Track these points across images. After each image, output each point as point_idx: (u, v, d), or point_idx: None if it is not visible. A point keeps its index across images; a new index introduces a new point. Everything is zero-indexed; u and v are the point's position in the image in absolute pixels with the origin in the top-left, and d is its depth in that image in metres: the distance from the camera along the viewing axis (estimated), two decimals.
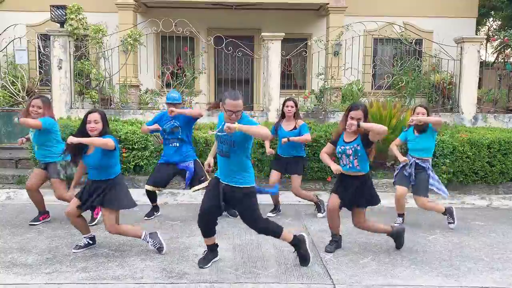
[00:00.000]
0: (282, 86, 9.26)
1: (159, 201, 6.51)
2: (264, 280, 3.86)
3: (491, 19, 17.83)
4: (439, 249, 4.70)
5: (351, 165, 4.38)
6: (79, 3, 9.29)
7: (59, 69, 8.51)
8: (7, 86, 9.34)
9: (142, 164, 6.89)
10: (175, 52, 10.54)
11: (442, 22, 11.70)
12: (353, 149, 4.32)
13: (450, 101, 9.35)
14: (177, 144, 5.52)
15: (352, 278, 3.94)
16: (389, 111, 7.19)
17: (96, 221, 5.29)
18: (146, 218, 5.61)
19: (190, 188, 5.65)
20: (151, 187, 5.58)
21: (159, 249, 4.40)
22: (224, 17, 11.78)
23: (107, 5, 10.92)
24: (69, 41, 8.62)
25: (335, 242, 4.62)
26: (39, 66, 10.46)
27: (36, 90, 9.97)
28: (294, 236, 4.10)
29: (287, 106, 5.68)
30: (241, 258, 4.32)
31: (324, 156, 4.61)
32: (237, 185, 3.88)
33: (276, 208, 5.92)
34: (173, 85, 9.27)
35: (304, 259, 4.12)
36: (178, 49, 9.99)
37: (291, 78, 11.36)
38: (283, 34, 8.73)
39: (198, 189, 5.58)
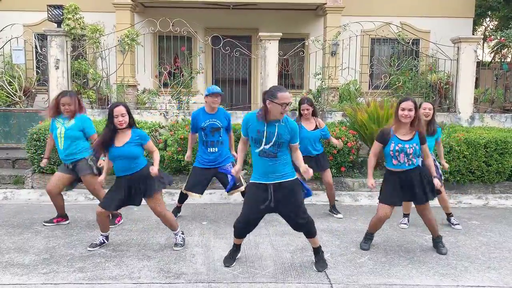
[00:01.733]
0: None
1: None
2: (262, 279, 3.87)
3: (487, 19, 17.88)
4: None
5: (409, 163, 4.37)
6: (76, 3, 9.27)
7: (56, 69, 8.49)
8: (4, 86, 9.31)
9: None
10: (173, 52, 10.53)
11: (439, 22, 11.72)
12: (413, 148, 4.30)
13: (447, 100, 9.37)
14: (216, 149, 5.22)
15: (349, 277, 3.94)
16: (386, 111, 7.21)
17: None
18: None
19: (228, 192, 5.41)
20: (189, 192, 5.33)
21: (178, 245, 4.54)
22: (222, 17, 11.77)
23: (104, 5, 10.90)
24: (66, 41, 8.60)
25: (370, 240, 4.71)
26: (36, 66, 10.45)
27: (33, 90, 9.95)
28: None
29: (303, 110, 5.62)
30: (239, 258, 4.32)
31: (371, 161, 4.47)
32: (287, 179, 3.89)
33: None
34: (170, 85, 9.26)
35: (324, 263, 4.15)
36: (176, 49, 9.98)
37: (289, 78, 11.36)
38: (281, 34, 8.74)
39: (234, 193, 5.47)
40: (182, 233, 4.69)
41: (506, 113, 9.08)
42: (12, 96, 9.27)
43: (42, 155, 6.78)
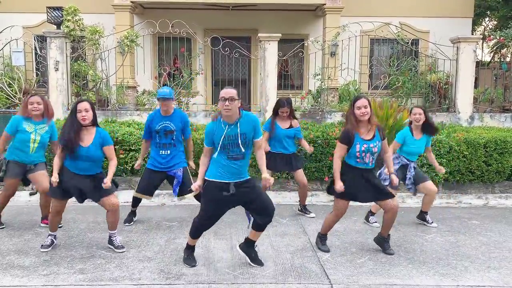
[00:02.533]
0: (279, 87, 9.29)
1: (158, 201, 6.53)
2: (262, 280, 3.87)
3: (487, 19, 17.90)
4: (436, 248, 4.72)
5: (372, 163, 4.37)
6: (75, 5, 9.28)
7: (55, 70, 8.50)
8: (4, 87, 9.32)
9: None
10: (172, 53, 10.55)
11: (438, 22, 11.74)
12: (377, 146, 4.31)
13: (447, 100, 9.38)
14: (168, 152, 5.15)
15: (350, 278, 3.95)
16: (386, 111, 7.21)
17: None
18: (127, 224, 5.33)
19: (178, 197, 5.32)
20: (140, 195, 5.30)
21: (117, 247, 4.50)
22: (221, 18, 11.79)
23: (103, 6, 10.92)
24: (66, 43, 8.61)
25: (326, 240, 4.71)
26: (35, 68, 10.45)
27: (33, 92, 9.94)
28: None
29: (282, 112, 5.66)
30: (239, 259, 4.32)
31: (337, 163, 4.38)
32: (247, 178, 3.95)
33: None
34: (170, 86, 9.26)
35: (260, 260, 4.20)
36: (175, 50, 9.99)
37: (288, 79, 11.37)
38: (280, 35, 8.75)
39: (185, 198, 5.36)
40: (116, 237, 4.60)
41: (506, 113, 9.09)
42: (11, 98, 9.27)
43: None
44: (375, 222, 5.50)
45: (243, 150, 3.83)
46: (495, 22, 16.96)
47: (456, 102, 8.86)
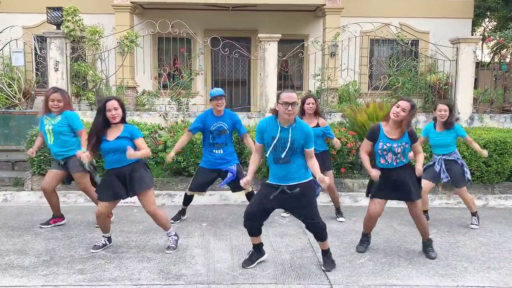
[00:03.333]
0: (279, 87, 9.29)
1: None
2: (262, 280, 3.87)
3: (486, 19, 17.90)
4: (435, 249, 4.71)
5: (397, 161, 4.33)
6: (75, 5, 9.28)
7: (55, 71, 8.50)
8: (4, 88, 9.32)
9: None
10: (172, 54, 10.55)
11: (438, 23, 11.75)
12: (401, 147, 4.26)
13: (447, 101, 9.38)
14: (221, 151, 5.25)
15: (349, 278, 3.95)
16: (386, 111, 7.17)
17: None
18: (172, 221, 5.35)
19: (232, 190, 5.44)
20: (193, 192, 5.40)
21: (170, 248, 4.51)
22: (221, 19, 11.79)
23: (103, 6, 10.92)
24: (66, 43, 8.61)
25: (367, 242, 4.68)
26: (35, 68, 10.46)
27: (32, 92, 9.96)
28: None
29: (308, 104, 5.54)
30: (239, 259, 4.32)
31: (365, 157, 4.38)
32: (299, 182, 3.90)
33: None
34: (170, 87, 9.28)
35: (332, 264, 4.16)
36: (175, 50, 10.00)
37: (288, 79, 11.37)
38: (280, 35, 8.75)
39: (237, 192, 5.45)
40: (175, 235, 4.64)
41: (505, 114, 9.09)
42: (11, 98, 9.27)
43: (42, 157, 6.80)
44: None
45: (289, 155, 3.82)
46: (495, 23, 16.97)
47: (456, 102, 8.86)
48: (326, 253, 4.16)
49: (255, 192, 5.28)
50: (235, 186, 5.30)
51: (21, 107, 9.25)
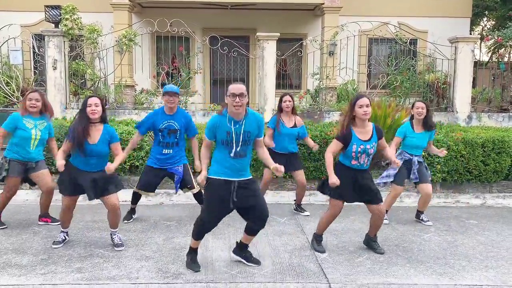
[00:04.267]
0: (278, 86, 9.29)
1: (156, 200, 6.52)
2: (260, 279, 3.87)
3: (485, 19, 17.93)
4: (433, 247, 4.73)
5: (367, 164, 4.34)
6: (73, 3, 9.27)
7: (54, 69, 8.49)
8: (2, 86, 9.30)
9: (138, 164, 6.88)
10: (170, 52, 10.53)
11: (436, 22, 11.76)
12: (373, 147, 4.28)
13: (445, 100, 9.40)
14: (171, 151, 5.16)
15: (347, 277, 3.95)
16: (384, 111, 7.21)
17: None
18: (125, 222, 5.36)
19: (182, 190, 5.45)
20: (140, 191, 5.33)
21: (116, 245, 4.53)
22: (220, 17, 11.79)
23: (102, 5, 10.91)
24: (64, 41, 8.60)
25: (322, 241, 4.67)
26: (33, 67, 10.43)
27: (32, 88, 9.94)
28: None
29: (284, 101, 5.64)
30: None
31: (330, 159, 4.32)
32: (249, 178, 3.92)
33: None
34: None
35: (256, 259, 4.21)
36: (173, 49, 9.99)
37: (287, 78, 11.37)
38: (278, 34, 8.75)
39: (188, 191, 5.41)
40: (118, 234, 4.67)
41: (503, 113, 9.10)
42: (9, 96, 9.25)
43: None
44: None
45: (245, 148, 3.82)
46: (493, 22, 17.00)
47: (454, 101, 8.88)
48: (247, 247, 4.20)
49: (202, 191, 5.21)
50: (182, 184, 5.31)
51: (19, 106, 9.23)
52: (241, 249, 4.22)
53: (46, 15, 9.27)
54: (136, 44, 9.29)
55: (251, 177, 3.96)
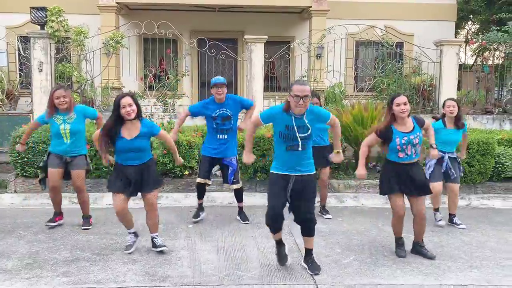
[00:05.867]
0: (266, 88, 9.31)
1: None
2: (248, 282, 3.87)
3: (469, 22, 18.19)
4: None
5: (416, 154, 4.40)
6: (59, 5, 9.18)
7: (39, 71, 8.39)
8: None
9: None
10: (158, 55, 10.50)
11: (422, 25, 11.91)
12: (418, 137, 4.35)
13: (431, 102, 9.51)
14: (226, 136, 5.29)
15: (335, 278, 3.97)
16: (371, 113, 7.28)
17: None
18: (194, 220, 5.50)
19: (223, 181, 5.55)
20: (202, 179, 5.40)
21: (160, 246, 4.49)
22: (208, 20, 11.78)
23: (88, 7, 10.83)
24: (50, 44, 8.51)
25: (403, 245, 4.61)
26: (19, 69, 10.30)
27: (16, 93, 9.82)
28: None
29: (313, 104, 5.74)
30: (225, 261, 4.32)
31: (364, 149, 4.44)
32: (309, 173, 3.96)
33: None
34: (156, 88, 9.23)
35: (318, 266, 4.13)
36: (161, 51, 9.96)
37: (275, 81, 11.41)
38: (266, 37, 8.78)
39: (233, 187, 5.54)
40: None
41: (488, 115, 9.24)
42: None
43: (26, 159, 6.71)
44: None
45: (304, 142, 3.85)
46: (478, 26, 17.25)
47: (439, 104, 8.97)
48: (310, 253, 4.15)
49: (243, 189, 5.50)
50: (224, 179, 5.45)
51: (4, 109, 9.11)
52: (306, 255, 4.16)
53: (32, 17, 9.17)
54: (123, 46, 9.24)
55: (311, 173, 3.98)
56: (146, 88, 9.63)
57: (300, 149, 3.84)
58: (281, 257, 4.15)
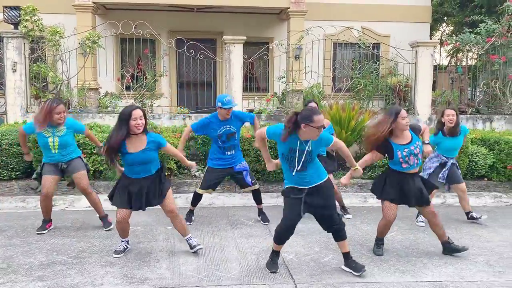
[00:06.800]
0: (245, 89, 9.31)
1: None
2: (227, 282, 3.88)
3: (444, 24, 18.59)
4: (396, 246, 4.87)
5: (417, 163, 4.43)
6: (34, 4, 8.99)
7: (13, 72, 8.21)
8: None
9: (102, 169, 6.74)
10: (136, 55, 10.39)
11: (398, 27, 12.10)
12: (419, 147, 4.38)
13: (406, 103, 9.67)
14: (233, 151, 5.38)
15: (313, 277, 4.01)
16: (348, 113, 7.37)
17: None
18: (188, 223, 5.47)
19: (240, 187, 5.61)
20: (203, 190, 5.46)
21: (195, 247, 4.47)
22: (186, 20, 11.72)
23: (64, 6, 10.65)
24: (24, 43, 8.34)
25: (382, 245, 4.70)
26: None
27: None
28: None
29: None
30: (204, 262, 4.32)
31: (366, 158, 4.47)
32: (319, 182, 3.98)
33: None
34: (133, 88, 9.13)
35: (359, 265, 4.13)
36: (139, 51, 9.86)
37: (254, 81, 11.42)
38: (245, 37, 8.78)
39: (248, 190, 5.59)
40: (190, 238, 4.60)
41: (462, 115, 9.45)
42: None
43: None
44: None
45: (305, 165, 3.89)
46: (452, 28, 17.65)
47: (415, 104, 9.15)
48: (348, 256, 4.13)
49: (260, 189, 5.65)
50: (243, 183, 5.49)
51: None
52: (345, 259, 4.17)
53: (5, 16, 8.95)
54: (100, 46, 9.11)
55: (322, 181, 4.00)
56: (123, 88, 9.52)
57: (304, 169, 3.91)
58: (274, 266, 4.15)
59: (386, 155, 4.43)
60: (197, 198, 5.57)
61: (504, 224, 5.80)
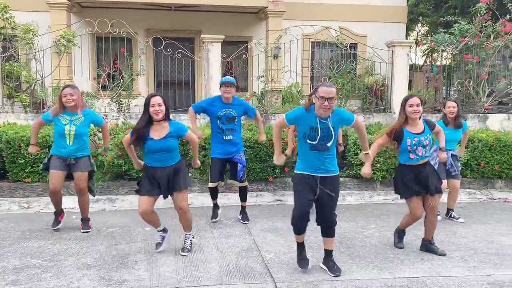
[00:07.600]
0: None
1: (98, 207, 6.31)
2: (206, 283, 3.85)
3: (419, 24, 18.94)
4: (374, 243, 4.92)
5: (426, 154, 4.49)
6: (5, 1, 8.77)
7: None
8: None
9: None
10: (112, 54, 10.23)
11: (375, 27, 12.25)
12: (428, 139, 4.44)
13: (383, 102, 9.80)
14: (231, 137, 5.36)
15: (293, 275, 4.02)
16: None
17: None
18: (213, 220, 5.58)
19: (239, 182, 5.53)
20: (214, 183, 5.45)
21: (186, 250, 4.52)
22: (163, 18, 11.61)
23: (38, 4, 10.41)
24: None
25: (403, 237, 4.86)
26: None
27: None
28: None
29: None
30: (183, 262, 4.28)
31: (375, 148, 4.51)
32: (333, 174, 3.98)
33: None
34: (110, 87, 8.99)
35: (338, 267, 4.11)
36: (115, 50, 9.71)
37: None
38: (223, 36, 8.75)
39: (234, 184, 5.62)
40: (193, 237, 4.66)
41: (437, 113, 9.63)
42: None
43: None
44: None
45: (327, 142, 3.87)
46: (427, 28, 17.99)
47: (391, 103, 9.28)
48: (330, 254, 4.15)
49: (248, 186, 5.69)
50: (234, 175, 5.50)
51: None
52: (326, 257, 4.16)
53: None
54: (75, 45, 8.94)
55: (336, 174, 4.00)
56: (99, 87, 9.36)
57: (323, 149, 3.89)
58: (303, 260, 4.13)
59: (395, 141, 4.51)
60: (213, 191, 5.59)
61: (478, 220, 5.94)
